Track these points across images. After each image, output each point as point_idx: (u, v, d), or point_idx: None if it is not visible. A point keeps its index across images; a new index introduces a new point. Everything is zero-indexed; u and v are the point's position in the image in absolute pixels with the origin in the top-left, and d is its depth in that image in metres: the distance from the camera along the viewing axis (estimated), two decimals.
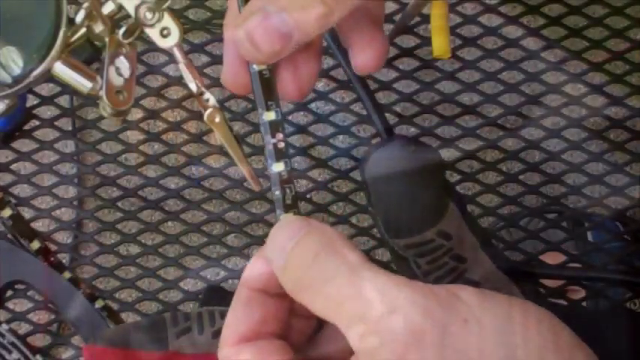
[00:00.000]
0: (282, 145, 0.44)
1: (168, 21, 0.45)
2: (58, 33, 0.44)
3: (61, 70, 0.44)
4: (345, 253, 0.40)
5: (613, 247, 0.79)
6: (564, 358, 0.38)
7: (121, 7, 0.45)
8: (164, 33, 0.45)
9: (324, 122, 0.81)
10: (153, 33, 0.45)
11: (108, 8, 0.45)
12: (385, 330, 0.37)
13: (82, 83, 0.45)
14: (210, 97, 0.46)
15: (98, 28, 0.45)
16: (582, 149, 0.79)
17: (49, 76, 0.45)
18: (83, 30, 0.45)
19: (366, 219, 0.79)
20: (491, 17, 0.81)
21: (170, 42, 0.45)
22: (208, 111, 0.46)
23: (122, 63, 0.45)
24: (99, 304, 0.74)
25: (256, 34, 0.42)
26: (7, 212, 0.72)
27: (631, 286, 0.76)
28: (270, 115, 0.45)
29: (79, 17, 0.44)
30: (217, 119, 0.46)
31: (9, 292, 0.76)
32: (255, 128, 0.80)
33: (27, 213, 0.77)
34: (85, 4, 0.44)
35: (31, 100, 0.80)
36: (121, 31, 0.45)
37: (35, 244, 0.73)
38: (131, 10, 0.45)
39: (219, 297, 0.74)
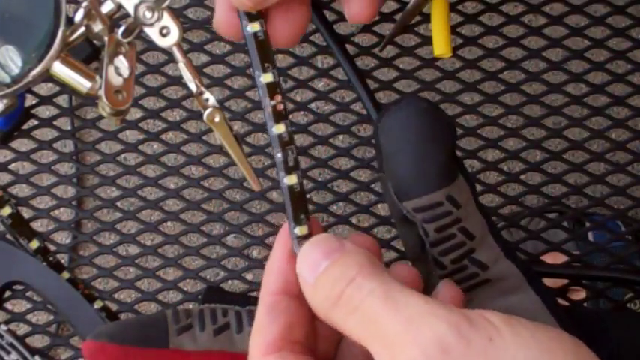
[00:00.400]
0: (281, 106, 0.44)
1: (167, 20, 0.45)
2: (57, 32, 0.44)
3: (60, 69, 0.44)
4: (381, 277, 0.41)
5: (614, 247, 0.79)
6: None
7: (120, 6, 0.45)
8: (163, 32, 0.45)
9: (324, 122, 0.80)
10: (152, 32, 0.45)
11: (107, 7, 0.45)
12: (413, 344, 0.38)
13: (81, 83, 0.45)
14: (210, 97, 0.46)
15: (97, 27, 0.45)
16: (584, 149, 0.79)
17: (47, 76, 0.45)
18: (82, 29, 0.45)
19: (366, 219, 0.78)
20: (492, 16, 0.80)
21: (169, 41, 0.45)
22: (208, 110, 0.46)
23: (121, 62, 0.45)
24: (98, 304, 0.73)
25: None
26: (7, 211, 0.72)
27: (632, 287, 0.76)
28: (268, 77, 0.44)
29: (78, 16, 0.44)
30: (217, 119, 0.46)
31: (7, 293, 0.76)
32: (255, 128, 0.80)
33: (26, 213, 0.76)
34: (84, 3, 0.44)
35: (30, 100, 0.80)
36: (120, 30, 0.45)
37: (35, 244, 0.73)
38: (130, 9, 0.45)
39: (218, 297, 0.74)
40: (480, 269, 0.53)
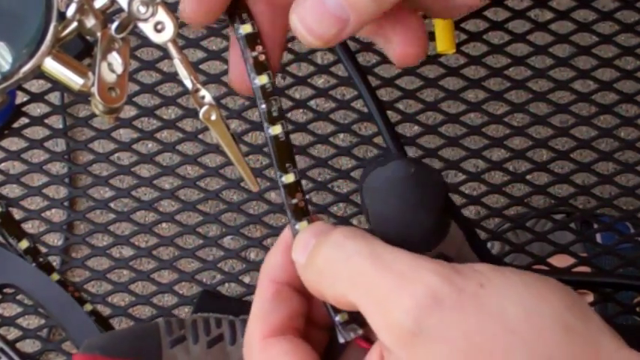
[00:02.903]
0: (302, 204, 0.46)
1: (162, 15, 0.44)
2: (48, 28, 0.43)
3: (52, 66, 0.44)
4: (368, 239, 0.42)
5: (623, 249, 0.78)
6: (580, 317, 0.40)
7: (113, 1, 0.44)
8: (158, 28, 0.44)
9: (324, 120, 0.79)
10: (146, 28, 0.44)
11: (100, 2, 0.44)
12: (406, 297, 0.39)
13: (73, 80, 0.44)
14: (206, 94, 0.46)
15: (90, 22, 0.44)
16: (591, 148, 0.77)
17: (39, 73, 0.44)
18: (74, 24, 0.44)
19: None
20: (498, 11, 0.79)
21: (164, 37, 0.45)
22: (204, 108, 0.45)
23: (115, 59, 0.45)
24: (87, 308, 0.73)
25: (309, 19, 0.42)
26: None
27: None
28: (289, 178, 0.46)
29: (70, 11, 0.44)
30: (213, 117, 0.45)
31: None
32: (252, 126, 0.79)
33: (16, 214, 0.75)
34: None
35: (21, 97, 0.79)
36: (114, 25, 0.44)
37: (24, 244, 0.72)
38: (124, 4, 0.44)
39: (213, 303, 0.73)
40: None
